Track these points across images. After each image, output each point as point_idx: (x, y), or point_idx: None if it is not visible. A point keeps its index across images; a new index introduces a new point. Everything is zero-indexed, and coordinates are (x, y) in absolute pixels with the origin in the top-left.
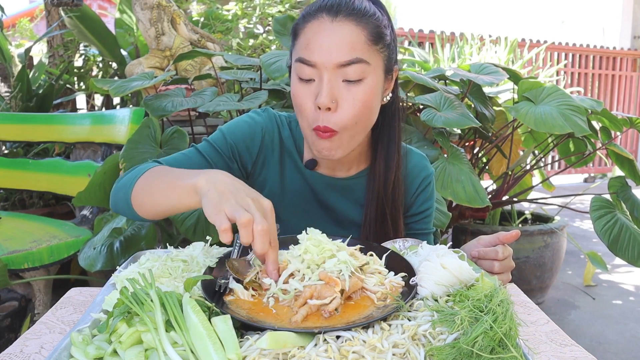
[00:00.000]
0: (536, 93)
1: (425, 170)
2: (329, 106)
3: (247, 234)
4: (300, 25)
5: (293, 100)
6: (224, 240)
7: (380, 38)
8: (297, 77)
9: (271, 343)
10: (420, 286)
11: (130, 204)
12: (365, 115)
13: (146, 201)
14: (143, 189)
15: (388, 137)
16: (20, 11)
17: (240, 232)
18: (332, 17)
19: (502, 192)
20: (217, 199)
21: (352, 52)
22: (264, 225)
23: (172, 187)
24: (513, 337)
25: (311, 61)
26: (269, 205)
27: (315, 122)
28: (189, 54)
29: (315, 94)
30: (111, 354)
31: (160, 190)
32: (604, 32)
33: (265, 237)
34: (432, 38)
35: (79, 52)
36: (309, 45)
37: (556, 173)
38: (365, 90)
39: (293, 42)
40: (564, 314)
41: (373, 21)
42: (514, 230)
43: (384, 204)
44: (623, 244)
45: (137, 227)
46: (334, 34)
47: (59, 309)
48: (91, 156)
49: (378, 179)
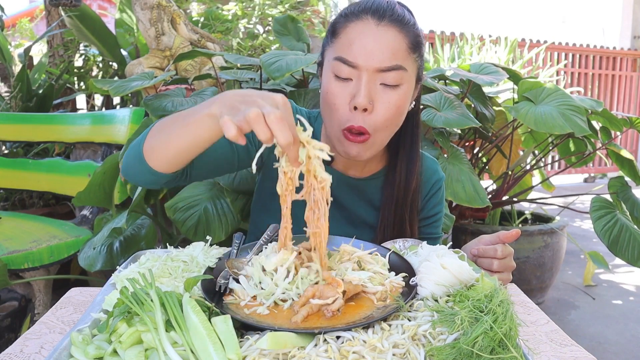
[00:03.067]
0: (536, 93)
1: (436, 174)
2: (366, 107)
3: (263, 128)
4: (341, 24)
5: (324, 98)
6: (236, 141)
7: (418, 47)
8: (333, 75)
9: (271, 343)
10: (420, 286)
11: (143, 158)
12: (397, 120)
13: (160, 147)
14: (155, 137)
15: (410, 142)
16: (21, 11)
17: (254, 130)
18: (378, 20)
19: (502, 192)
20: (228, 112)
21: (394, 58)
22: (277, 113)
23: (185, 124)
24: (513, 337)
25: (353, 62)
26: (282, 98)
27: (349, 122)
28: (189, 54)
29: (352, 94)
30: (111, 354)
31: (174, 131)
32: (604, 32)
33: (284, 124)
34: (432, 38)
35: (79, 52)
36: (351, 46)
37: (556, 173)
38: (400, 96)
39: (331, 39)
40: (564, 314)
41: (414, 30)
42: (514, 230)
43: (403, 209)
44: (623, 244)
45: (137, 227)
46: (378, 38)
47: (59, 309)
48: (91, 156)
49: (398, 184)
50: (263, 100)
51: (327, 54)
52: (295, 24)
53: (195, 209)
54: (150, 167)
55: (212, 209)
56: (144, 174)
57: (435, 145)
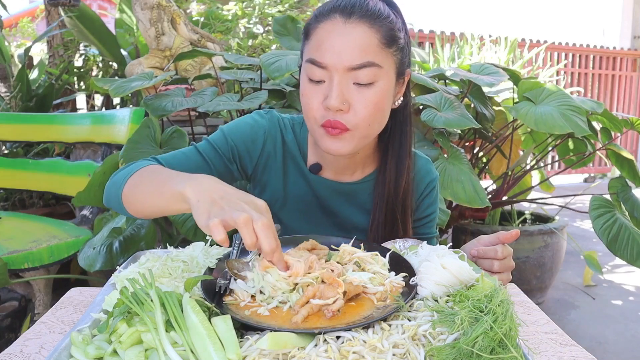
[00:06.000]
0: (536, 93)
1: (429, 174)
2: (340, 108)
3: (250, 233)
4: (312, 26)
5: (301, 100)
6: (223, 245)
7: (393, 41)
8: (307, 77)
9: (271, 343)
10: (420, 286)
11: (121, 202)
12: (378, 118)
13: (136, 201)
14: (133, 190)
15: (399, 141)
16: (21, 11)
17: (241, 233)
18: (345, 18)
19: (502, 192)
20: (208, 208)
21: (364, 55)
22: (264, 220)
23: (160, 191)
24: (513, 337)
25: (322, 63)
26: (264, 204)
27: (324, 117)
28: (189, 54)
29: (325, 95)
30: (111, 354)
31: (149, 193)
32: (604, 32)
33: (270, 232)
34: (432, 38)
35: (79, 52)
36: (320, 47)
37: (556, 173)
38: (377, 94)
39: (304, 42)
40: (564, 314)
41: (387, 24)
42: (514, 230)
43: (394, 208)
44: (622, 244)
45: (137, 227)
46: (346, 36)
47: (59, 309)
48: (91, 156)
49: (388, 184)
50: (247, 205)
51: (303, 57)
52: (295, 24)
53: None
54: (129, 214)
55: None
56: (126, 214)
57: (435, 146)
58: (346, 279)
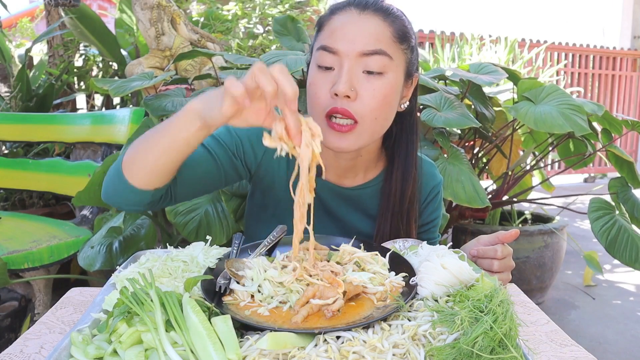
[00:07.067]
0: (536, 93)
1: (433, 179)
2: (347, 94)
3: (268, 79)
4: (325, 18)
5: (308, 90)
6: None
7: (405, 38)
8: (316, 65)
9: (271, 343)
10: (420, 286)
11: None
12: (384, 113)
13: (138, 157)
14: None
15: (406, 149)
16: (21, 11)
17: (260, 82)
18: (360, 10)
19: (502, 192)
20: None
21: (377, 43)
22: (281, 66)
23: (163, 128)
24: (513, 337)
25: (334, 48)
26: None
27: (330, 105)
28: (189, 54)
29: (333, 83)
30: (111, 354)
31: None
32: (604, 32)
33: (289, 75)
34: (432, 38)
35: (79, 52)
36: (333, 34)
37: (556, 173)
38: (385, 85)
39: (316, 35)
40: (564, 314)
41: (399, 21)
42: (513, 230)
43: (398, 218)
44: (621, 246)
45: (137, 227)
46: (360, 25)
47: (59, 309)
48: (91, 156)
49: (394, 194)
50: None
51: (314, 48)
52: (295, 24)
53: (196, 213)
54: (130, 185)
55: (212, 212)
56: (125, 192)
57: (435, 146)
58: (346, 279)
